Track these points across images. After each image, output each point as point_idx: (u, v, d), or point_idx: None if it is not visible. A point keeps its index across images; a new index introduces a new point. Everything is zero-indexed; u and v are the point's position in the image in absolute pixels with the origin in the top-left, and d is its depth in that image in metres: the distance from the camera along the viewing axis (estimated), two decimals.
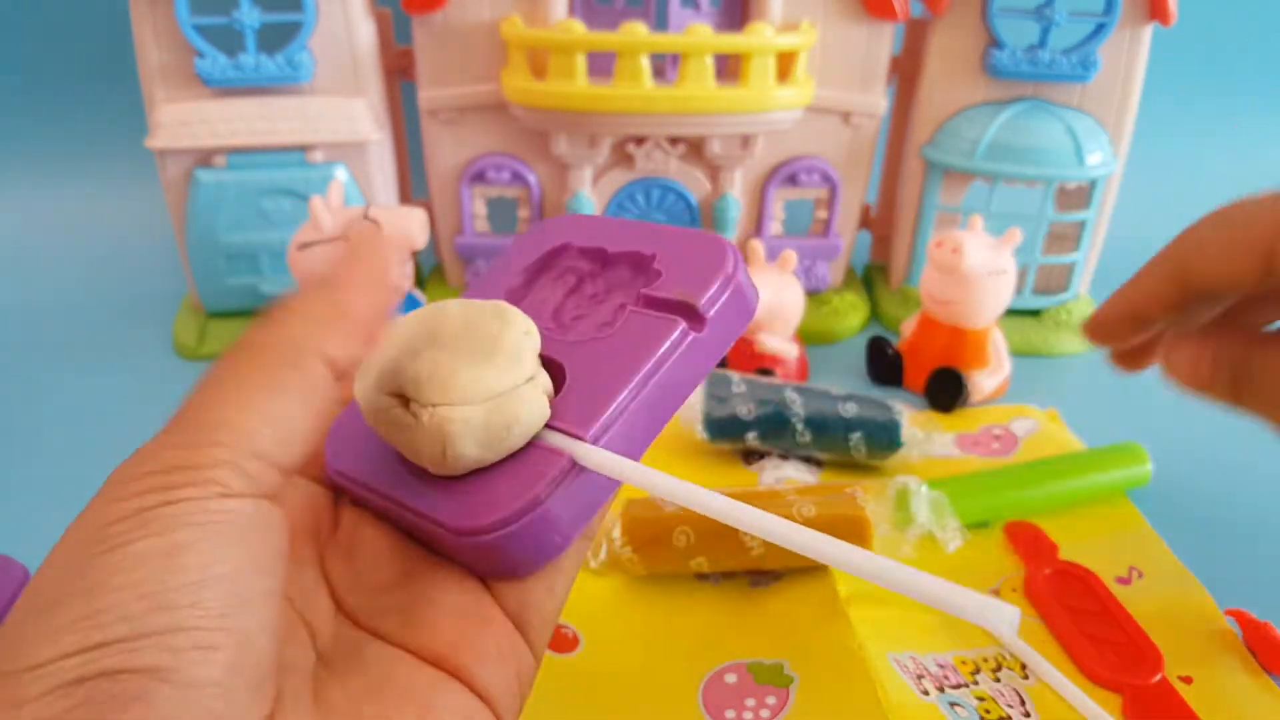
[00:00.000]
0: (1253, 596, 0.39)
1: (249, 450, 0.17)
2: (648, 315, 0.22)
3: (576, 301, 0.25)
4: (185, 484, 0.16)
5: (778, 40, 0.54)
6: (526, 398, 0.21)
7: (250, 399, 0.17)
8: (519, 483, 0.20)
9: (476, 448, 0.20)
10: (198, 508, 0.16)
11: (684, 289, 0.22)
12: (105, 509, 0.16)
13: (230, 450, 0.17)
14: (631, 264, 0.24)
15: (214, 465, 0.16)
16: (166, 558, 0.15)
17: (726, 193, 0.60)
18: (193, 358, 0.59)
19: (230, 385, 0.18)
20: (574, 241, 0.26)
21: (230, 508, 0.16)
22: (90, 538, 0.16)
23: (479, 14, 0.56)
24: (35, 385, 0.56)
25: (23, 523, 0.44)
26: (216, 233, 0.58)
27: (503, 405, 0.20)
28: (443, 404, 0.20)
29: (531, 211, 0.62)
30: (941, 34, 0.58)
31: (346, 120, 0.57)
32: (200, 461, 0.16)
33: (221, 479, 0.16)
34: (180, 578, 0.15)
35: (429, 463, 0.21)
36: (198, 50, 0.54)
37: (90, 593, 0.15)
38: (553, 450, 0.20)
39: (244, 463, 0.17)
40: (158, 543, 0.16)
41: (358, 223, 0.21)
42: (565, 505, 0.20)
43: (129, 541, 0.15)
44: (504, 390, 0.20)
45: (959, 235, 0.51)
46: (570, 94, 0.54)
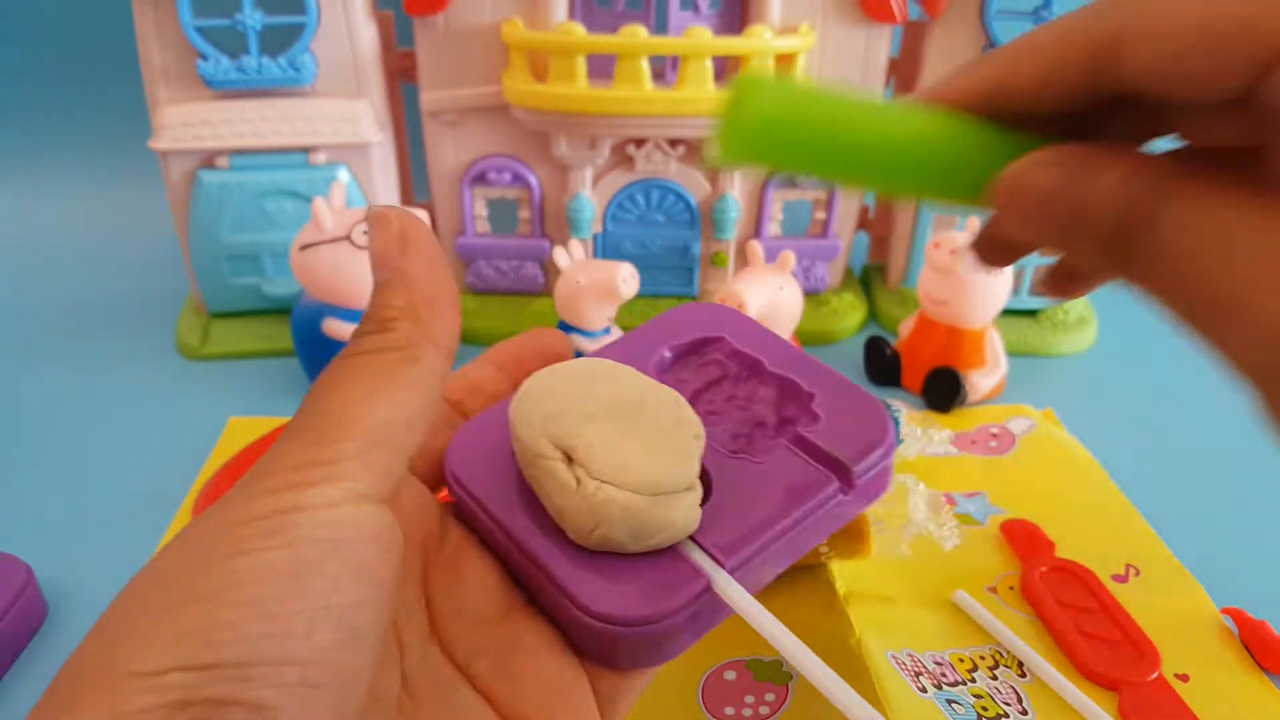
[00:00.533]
0: (1249, 595, 0.39)
1: (373, 441, 0.17)
2: (803, 459, 0.23)
3: (714, 396, 0.25)
4: (316, 481, 0.16)
5: (777, 43, 0.54)
6: (684, 504, 0.21)
7: (372, 392, 0.17)
8: (658, 590, 0.20)
9: (627, 536, 0.20)
10: (328, 517, 0.16)
11: (843, 448, 0.23)
12: (238, 506, 0.16)
13: (357, 444, 0.17)
14: (784, 389, 0.25)
15: (342, 459, 0.16)
16: (293, 578, 0.15)
17: (726, 194, 0.61)
18: (195, 358, 0.59)
19: (350, 381, 0.18)
20: (731, 339, 0.26)
21: (358, 518, 0.16)
22: (219, 536, 0.15)
23: (480, 16, 0.57)
24: (38, 385, 0.57)
25: (26, 522, 0.44)
26: (219, 233, 0.58)
27: (663, 505, 0.20)
28: (611, 484, 0.20)
29: (532, 212, 0.62)
30: (939, 36, 0.59)
31: (349, 122, 0.57)
32: (328, 456, 0.16)
33: (351, 473, 0.16)
34: (302, 603, 0.15)
35: (572, 530, 0.21)
36: (200, 52, 0.54)
37: (209, 601, 0.15)
38: (694, 566, 0.21)
39: (371, 454, 0.17)
40: (285, 556, 0.15)
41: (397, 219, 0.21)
42: (690, 623, 0.21)
43: (257, 550, 0.15)
44: (667, 490, 0.20)
45: (956, 236, 0.51)
46: (570, 96, 0.54)
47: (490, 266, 0.64)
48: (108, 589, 0.40)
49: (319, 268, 0.50)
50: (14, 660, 0.36)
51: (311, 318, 0.51)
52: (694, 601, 0.20)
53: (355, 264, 0.49)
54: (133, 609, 0.15)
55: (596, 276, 0.53)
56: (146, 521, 0.44)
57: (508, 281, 0.65)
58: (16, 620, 0.36)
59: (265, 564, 0.15)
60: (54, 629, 0.38)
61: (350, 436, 0.17)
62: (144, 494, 0.46)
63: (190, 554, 0.16)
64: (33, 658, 0.36)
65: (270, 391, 0.55)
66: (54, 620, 0.38)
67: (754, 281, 0.53)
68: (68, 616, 0.38)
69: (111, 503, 0.45)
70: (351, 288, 0.50)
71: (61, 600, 0.39)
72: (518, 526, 0.22)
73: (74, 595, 0.39)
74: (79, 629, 0.37)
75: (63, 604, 0.39)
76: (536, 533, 0.22)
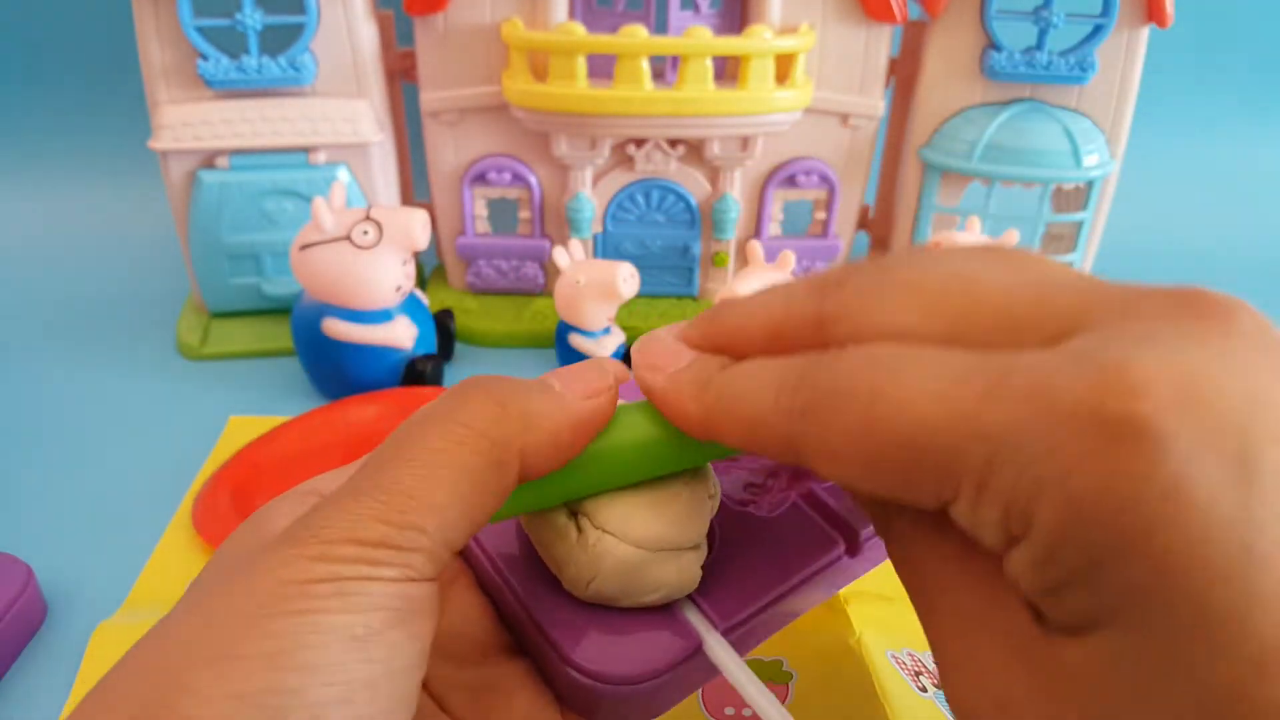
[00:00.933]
0: None
1: (445, 540, 0.17)
2: (811, 517, 0.22)
3: None
4: (386, 563, 0.16)
5: (777, 43, 0.54)
6: (684, 564, 0.20)
7: (457, 490, 0.17)
8: (646, 648, 0.20)
9: (619, 591, 0.20)
10: (394, 591, 0.16)
11: (853, 509, 0.22)
12: (301, 565, 0.15)
13: (431, 539, 0.16)
14: None
15: (415, 549, 0.16)
16: (360, 644, 0.15)
17: (726, 194, 0.61)
18: (196, 357, 0.59)
19: (439, 465, 0.17)
20: None
21: (416, 594, 0.16)
22: (285, 591, 0.15)
23: (480, 16, 0.57)
24: (39, 384, 0.57)
25: (26, 522, 0.44)
26: (219, 233, 0.58)
27: (660, 563, 0.20)
28: (612, 534, 0.20)
29: (532, 212, 0.62)
30: (939, 36, 0.59)
31: (349, 122, 0.57)
32: (404, 544, 0.16)
33: (417, 565, 0.16)
34: (365, 670, 0.15)
35: (568, 581, 0.20)
36: (200, 52, 0.54)
37: (274, 660, 0.14)
38: (686, 626, 0.20)
39: (439, 551, 0.17)
40: (352, 621, 0.15)
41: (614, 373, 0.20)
42: (677, 683, 0.20)
43: (325, 611, 0.15)
44: (670, 547, 0.20)
45: (957, 236, 0.51)
46: (571, 96, 0.54)
47: (490, 266, 0.64)
48: (107, 589, 0.41)
49: (319, 268, 0.50)
50: (14, 660, 0.36)
51: (311, 317, 0.51)
52: (683, 662, 0.20)
53: (355, 264, 0.49)
54: (190, 659, 0.15)
55: (597, 276, 0.53)
56: (146, 522, 0.44)
57: (508, 281, 0.65)
58: (16, 620, 0.36)
59: (331, 626, 0.15)
60: (54, 629, 0.38)
61: (426, 529, 0.16)
62: (144, 494, 0.46)
63: (249, 606, 0.15)
64: (32, 658, 0.36)
65: (270, 391, 0.55)
66: (53, 620, 0.38)
67: (754, 281, 0.53)
68: (67, 617, 0.38)
69: (111, 503, 0.45)
70: (351, 288, 0.50)
71: (61, 600, 0.39)
72: (513, 570, 0.21)
73: (74, 595, 0.39)
74: (79, 629, 0.37)
75: (62, 604, 0.39)
76: (528, 575, 0.21)
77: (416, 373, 0.53)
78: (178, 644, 0.15)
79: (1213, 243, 0.79)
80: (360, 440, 0.49)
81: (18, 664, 0.36)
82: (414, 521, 0.16)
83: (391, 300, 0.51)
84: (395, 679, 0.15)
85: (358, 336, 0.51)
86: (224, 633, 0.15)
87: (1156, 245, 0.78)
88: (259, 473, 0.46)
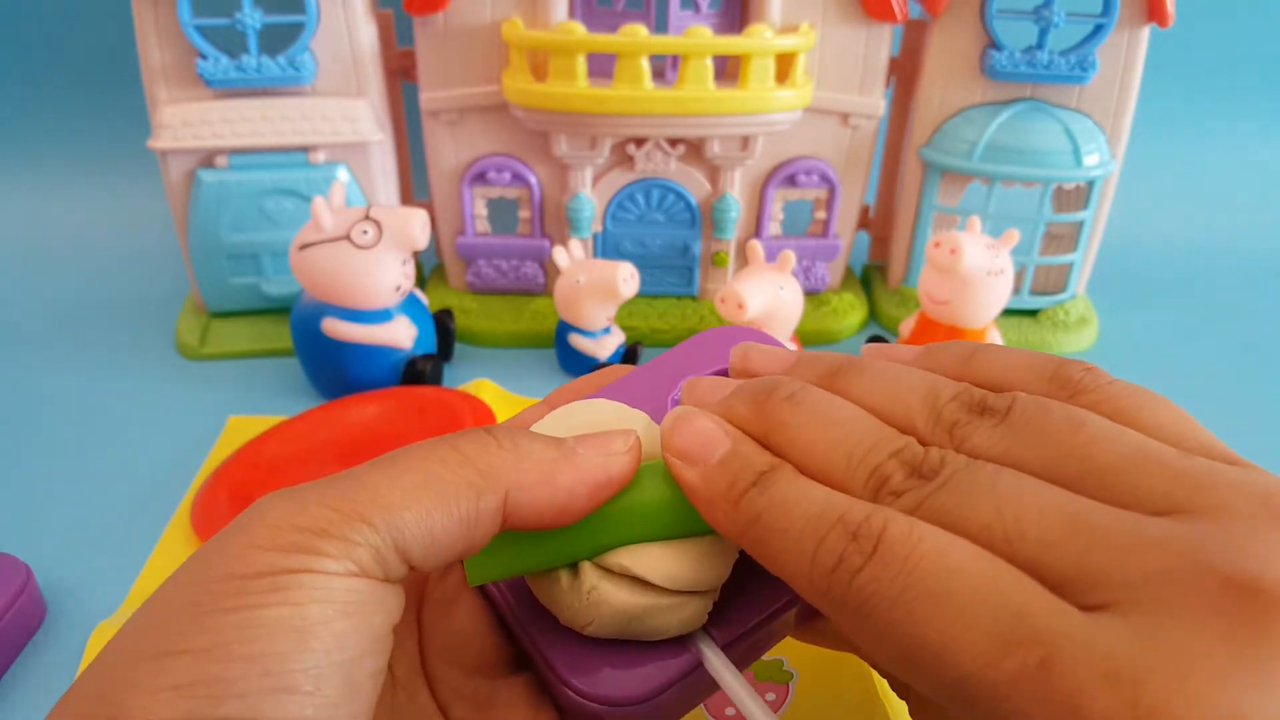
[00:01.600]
0: None
1: (393, 542, 0.16)
2: None
3: None
4: (328, 554, 0.16)
5: (777, 42, 0.54)
6: (690, 614, 0.19)
7: (418, 494, 0.17)
8: (645, 667, 0.19)
9: (618, 632, 0.19)
10: (337, 585, 0.15)
11: None
12: (243, 556, 0.15)
13: (378, 536, 0.16)
14: None
15: (360, 544, 0.16)
16: (298, 634, 0.15)
17: (726, 193, 0.61)
18: (195, 357, 0.59)
19: (409, 470, 0.17)
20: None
21: (362, 590, 0.16)
22: (222, 587, 0.15)
23: (480, 16, 0.56)
24: (38, 384, 0.57)
25: (25, 522, 0.44)
26: (219, 233, 0.58)
27: (665, 611, 0.19)
28: (615, 573, 0.19)
29: (532, 212, 0.62)
30: (940, 35, 0.59)
31: (348, 121, 0.57)
32: (349, 535, 0.16)
33: (362, 560, 0.16)
34: (306, 660, 0.15)
35: (562, 619, 0.20)
36: (200, 51, 0.54)
37: (211, 653, 0.14)
38: (685, 642, 0.20)
39: (387, 552, 0.16)
40: (290, 614, 0.15)
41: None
42: (678, 699, 0.20)
43: (262, 605, 0.15)
44: (687, 589, 0.19)
45: (957, 236, 0.51)
46: (571, 95, 0.54)
47: (490, 266, 0.64)
48: (107, 589, 0.40)
49: (318, 267, 0.50)
50: (13, 660, 0.36)
51: (311, 317, 0.51)
52: (683, 680, 0.19)
53: (355, 263, 0.49)
54: (133, 654, 0.15)
55: (596, 276, 0.53)
56: (145, 522, 0.43)
57: (507, 281, 0.65)
58: (15, 620, 0.36)
59: (269, 619, 0.15)
60: (53, 629, 0.38)
61: (374, 524, 0.16)
62: (143, 494, 0.46)
63: (190, 595, 0.15)
64: (32, 658, 0.36)
65: (270, 391, 0.55)
66: (53, 620, 0.38)
67: (754, 281, 0.53)
68: (67, 617, 0.38)
69: (110, 503, 0.45)
70: (350, 287, 0.50)
71: (60, 600, 0.39)
72: (513, 588, 0.21)
73: (73, 595, 0.39)
74: (78, 629, 0.37)
75: (62, 604, 0.39)
76: (528, 598, 0.21)
77: (416, 372, 0.52)
78: (127, 640, 0.15)
79: (1213, 242, 0.79)
80: (359, 440, 0.49)
81: (17, 664, 0.36)
82: (361, 513, 0.16)
83: (391, 300, 0.51)
84: (342, 668, 0.15)
85: (357, 336, 0.51)
86: (166, 629, 0.15)
87: (1157, 245, 0.78)
88: (258, 472, 0.46)
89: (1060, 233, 0.64)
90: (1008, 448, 0.17)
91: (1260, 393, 0.58)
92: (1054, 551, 0.15)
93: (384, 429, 0.49)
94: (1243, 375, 0.60)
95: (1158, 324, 0.67)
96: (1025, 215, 0.60)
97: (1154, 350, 0.63)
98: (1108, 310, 0.66)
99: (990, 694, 0.14)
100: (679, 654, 0.20)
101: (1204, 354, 0.63)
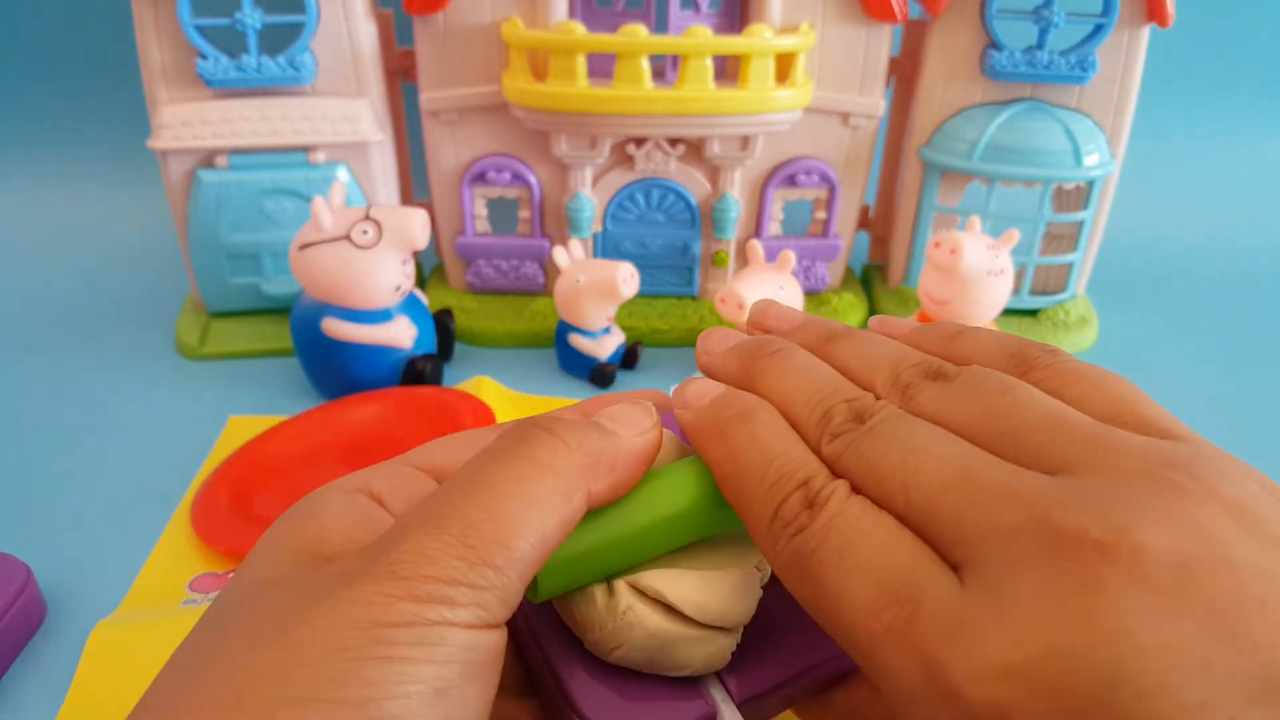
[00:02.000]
0: None
1: (518, 576, 0.17)
2: None
3: None
4: (462, 603, 0.16)
5: (777, 42, 0.54)
6: (715, 650, 0.20)
7: (526, 524, 0.17)
8: (659, 711, 0.19)
9: (644, 662, 0.19)
10: (468, 640, 0.16)
11: None
12: (382, 606, 0.15)
13: (503, 577, 0.16)
14: None
15: (488, 588, 0.16)
16: (439, 697, 0.15)
17: (726, 193, 0.61)
18: (195, 357, 0.59)
19: (504, 497, 0.17)
20: None
21: (488, 644, 0.16)
22: (367, 633, 0.15)
23: (480, 16, 0.57)
24: (37, 385, 0.57)
25: (26, 522, 0.44)
26: (219, 233, 0.58)
27: (693, 643, 0.19)
28: (650, 597, 0.19)
29: (532, 212, 0.62)
30: (940, 35, 0.59)
31: (348, 121, 0.57)
32: (478, 582, 0.16)
33: (490, 606, 0.16)
34: (438, 716, 0.15)
35: (589, 644, 0.20)
36: (200, 51, 0.54)
37: (363, 707, 0.14)
38: (704, 694, 0.20)
39: (512, 590, 0.17)
40: (435, 673, 0.15)
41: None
42: None
43: (411, 660, 0.15)
44: (713, 624, 0.19)
45: (957, 236, 0.51)
46: (571, 95, 0.54)
47: (490, 266, 0.64)
48: (106, 589, 0.40)
49: (319, 267, 0.50)
50: (13, 660, 0.36)
51: (310, 317, 0.51)
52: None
53: (355, 263, 0.49)
54: (281, 698, 0.15)
55: (597, 276, 0.53)
56: (146, 522, 0.43)
57: (507, 281, 0.65)
58: (15, 620, 0.36)
59: (413, 676, 0.15)
60: (53, 629, 0.38)
61: (499, 565, 0.16)
62: (143, 494, 0.46)
63: (337, 644, 0.15)
64: (32, 658, 0.36)
65: (270, 391, 0.55)
66: (53, 620, 0.38)
67: (754, 281, 0.53)
68: (67, 617, 0.38)
69: (110, 503, 0.45)
70: (351, 287, 0.50)
71: (61, 600, 0.39)
72: (535, 611, 0.21)
73: (73, 595, 0.39)
74: (78, 629, 0.37)
75: (62, 604, 0.39)
76: (552, 624, 0.21)
77: (416, 372, 0.52)
78: (265, 680, 0.15)
79: (1213, 242, 0.79)
80: (359, 440, 0.49)
81: (17, 664, 0.36)
82: (486, 558, 0.16)
83: (391, 300, 0.51)
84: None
85: (358, 336, 0.51)
86: (313, 673, 0.15)
87: (1157, 245, 0.78)
88: (258, 472, 0.46)
89: (1060, 233, 0.64)
90: (940, 408, 0.18)
91: (1259, 392, 0.58)
92: (941, 500, 0.16)
93: (384, 429, 0.49)
94: (1241, 374, 0.60)
95: (1157, 323, 0.67)
96: (1025, 215, 0.60)
97: (1154, 349, 0.63)
98: (1107, 310, 0.66)
99: (868, 645, 0.16)
100: (693, 698, 0.20)
101: (1203, 353, 0.63)
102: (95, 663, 0.35)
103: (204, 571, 0.41)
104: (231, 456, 0.47)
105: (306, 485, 0.45)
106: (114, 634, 0.36)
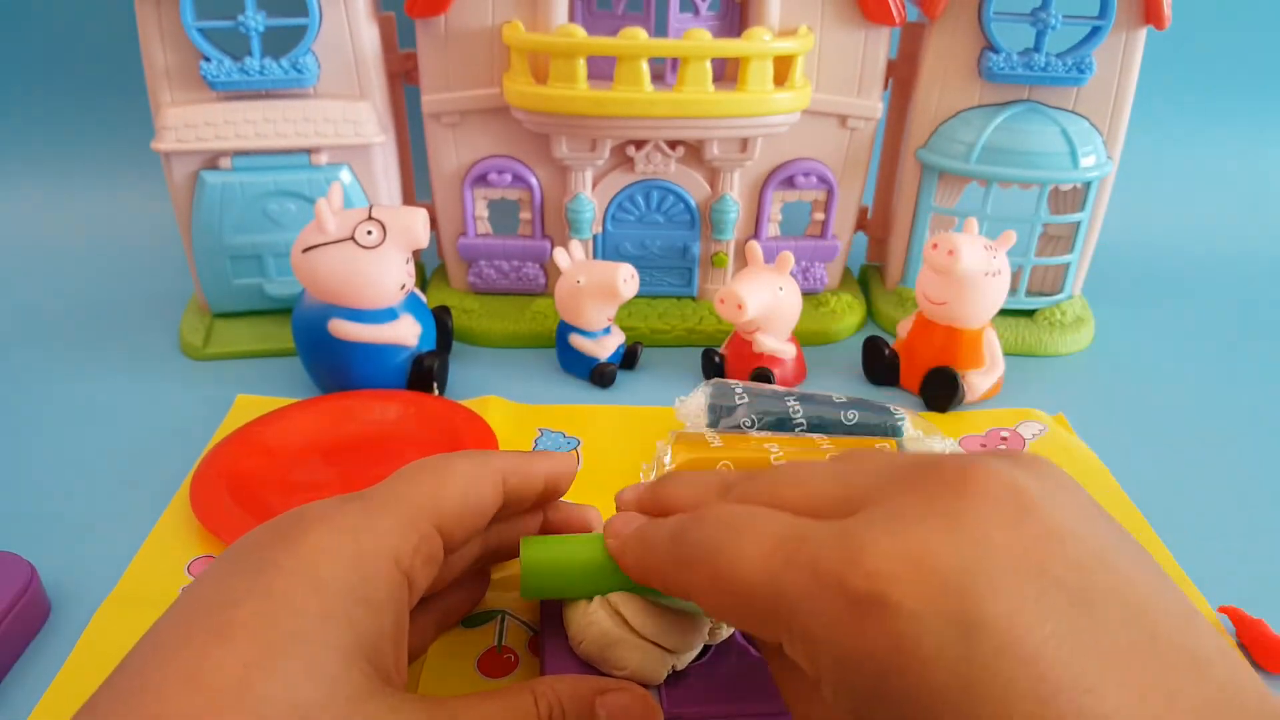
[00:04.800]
0: (1246, 593, 0.39)
1: (432, 526, 0.26)
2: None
3: None
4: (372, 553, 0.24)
5: (775, 45, 0.55)
6: (646, 659, 0.27)
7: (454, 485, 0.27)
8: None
9: (597, 657, 0.28)
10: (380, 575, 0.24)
11: None
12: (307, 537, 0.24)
13: (420, 526, 0.26)
14: None
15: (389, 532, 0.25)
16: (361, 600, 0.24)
17: (725, 195, 0.61)
18: (198, 358, 0.60)
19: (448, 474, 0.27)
20: None
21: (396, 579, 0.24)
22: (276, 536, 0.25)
23: (481, 19, 0.57)
24: (41, 384, 0.57)
25: (29, 521, 0.45)
26: (222, 234, 0.58)
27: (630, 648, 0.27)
28: (613, 612, 0.27)
29: (533, 213, 0.63)
30: (937, 38, 0.59)
31: (351, 123, 0.57)
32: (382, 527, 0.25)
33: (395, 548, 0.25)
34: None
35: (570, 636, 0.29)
36: (203, 54, 0.55)
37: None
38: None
39: (429, 535, 0.26)
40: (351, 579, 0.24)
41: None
42: None
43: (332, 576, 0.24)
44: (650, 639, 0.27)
45: (954, 237, 0.51)
46: (571, 98, 0.55)
47: (491, 267, 0.65)
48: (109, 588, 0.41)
49: (324, 269, 0.50)
50: (16, 659, 0.36)
51: (313, 319, 0.51)
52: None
53: (361, 264, 0.49)
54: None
55: (597, 277, 0.54)
56: (149, 522, 0.44)
57: (508, 282, 0.65)
58: (19, 619, 0.37)
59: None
60: (57, 628, 0.38)
61: (411, 520, 0.26)
62: (146, 494, 0.46)
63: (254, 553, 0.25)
64: (35, 657, 0.37)
65: (273, 390, 0.56)
66: (56, 619, 0.39)
67: (753, 282, 0.53)
68: (70, 616, 0.39)
69: (114, 502, 0.46)
70: (358, 288, 0.50)
71: (64, 599, 0.39)
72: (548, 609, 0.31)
73: (77, 594, 0.40)
74: (82, 627, 0.37)
75: (65, 603, 0.39)
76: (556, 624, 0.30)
77: (423, 369, 0.53)
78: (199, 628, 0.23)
79: (1210, 243, 0.79)
80: (359, 438, 0.49)
81: (20, 663, 0.36)
82: (403, 514, 0.26)
83: (396, 299, 0.52)
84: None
85: (366, 336, 0.51)
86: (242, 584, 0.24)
87: (1153, 246, 0.78)
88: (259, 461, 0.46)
89: (1057, 234, 0.64)
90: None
91: (1256, 393, 0.58)
92: (824, 495, 0.22)
93: (384, 429, 0.50)
94: (1239, 375, 0.60)
95: (1154, 324, 0.67)
96: (1022, 216, 0.60)
97: (1150, 350, 0.63)
98: (1104, 310, 0.67)
99: (768, 587, 0.20)
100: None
101: (1200, 354, 0.63)
102: (93, 641, 0.37)
103: (203, 554, 0.41)
104: (233, 434, 0.47)
105: (305, 476, 0.46)
106: (115, 611, 0.38)
